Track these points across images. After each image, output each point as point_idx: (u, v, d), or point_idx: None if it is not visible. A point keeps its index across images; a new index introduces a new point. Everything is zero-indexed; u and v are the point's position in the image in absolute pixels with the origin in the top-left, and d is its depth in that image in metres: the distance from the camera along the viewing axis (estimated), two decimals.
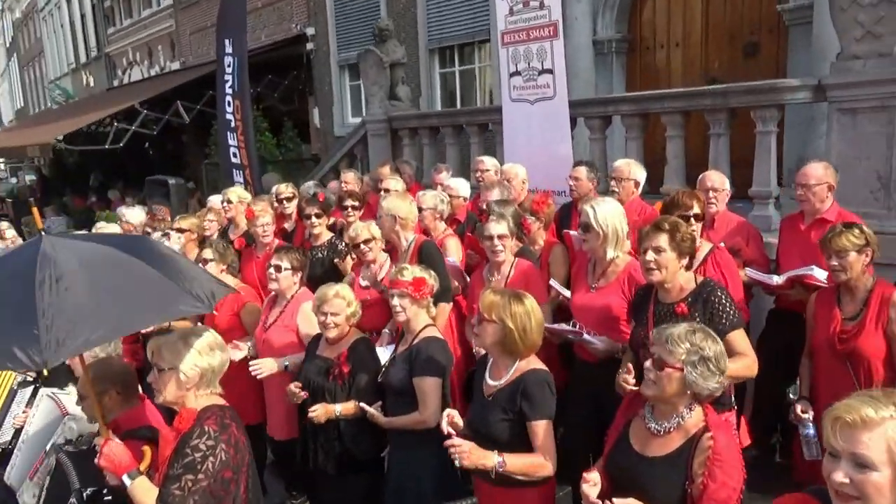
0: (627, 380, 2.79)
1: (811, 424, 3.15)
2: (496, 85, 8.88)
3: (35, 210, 2.55)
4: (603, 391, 3.29)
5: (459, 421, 2.80)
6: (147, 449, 2.57)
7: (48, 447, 3.25)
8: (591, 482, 2.27)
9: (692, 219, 3.60)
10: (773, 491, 3.45)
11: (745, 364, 2.84)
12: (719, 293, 2.86)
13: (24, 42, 35.70)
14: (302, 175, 12.76)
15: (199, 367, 2.43)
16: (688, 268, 2.96)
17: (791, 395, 4.09)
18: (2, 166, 28.70)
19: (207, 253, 4.24)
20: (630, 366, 2.86)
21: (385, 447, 3.38)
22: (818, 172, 3.75)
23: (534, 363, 2.74)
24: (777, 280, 3.68)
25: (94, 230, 6.31)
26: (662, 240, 2.85)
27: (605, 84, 8.43)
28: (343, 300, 3.36)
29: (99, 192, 15.76)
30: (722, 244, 3.84)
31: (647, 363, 2.26)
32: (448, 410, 2.84)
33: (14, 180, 28.05)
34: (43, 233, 2.31)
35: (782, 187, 6.12)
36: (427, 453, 3.06)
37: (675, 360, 2.17)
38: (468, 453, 2.53)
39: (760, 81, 5.07)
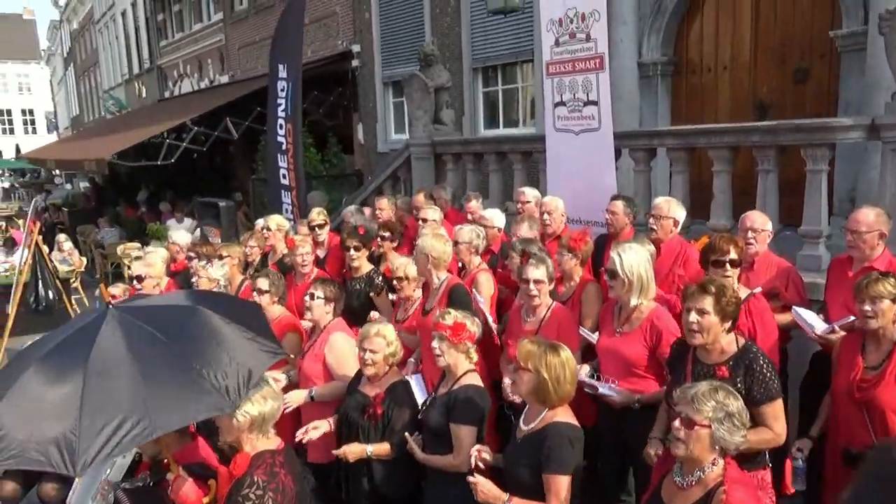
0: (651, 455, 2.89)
1: (802, 462, 3.24)
2: (539, 103, 8.92)
3: (103, 287, 2.72)
4: (626, 431, 3.38)
5: (488, 456, 3.00)
6: (213, 483, 2.72)
7: (101, 480, 3.40)
8: None
9: (727, 264, 3.62)
10: None
11: (768, 438, 2.85)
12: (762, 361, 2.88)
13: (80, 52, 37.04)
14: (345, 190, 12.99)
15: (249, 414, 2.57)
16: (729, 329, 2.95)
17: None
18: (57, 171, 29.74)
19: (263, 283, 4.36)
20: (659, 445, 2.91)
21: (420, 480, 3.45)
22: (869, 219, 3.68)
23: (561, 415, 2.81)
24: (818, 331, 3.61)
25: (143, 252, 6.52)
26: (707, 303, 2.86)
27: (650, 107, 8.38)
28: (383, 339, 3.45)
29: (149, 203, 16.25)
30: (759, 289, 3.82)
31: (676, 422, 2.34)
32: (478, 446, 3.03)
33: (69, 187, 29.17)
34: (110, 307, 2.47)
35: (832, 215, 6.01)
36: (461, 491, 3.12)
37: (702, 418, 2.26)
38: (481, 489, 2.70)
39: (811, 120, 4.98)
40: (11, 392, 2.23)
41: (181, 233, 6.99)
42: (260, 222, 6.67)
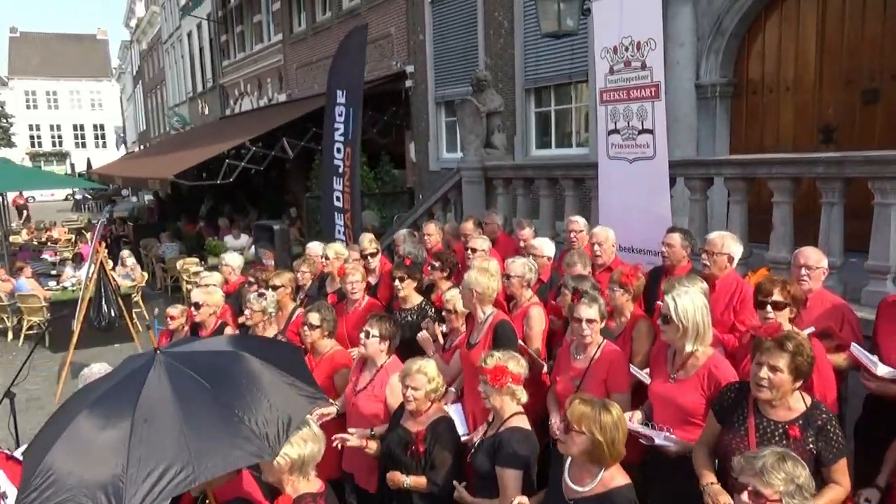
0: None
1: None
2: (593, 124, 8.80)
3: (151, 333, 2.78)
4: (679, 480, 3.21)
5: None
6: None
7: None
8: None
9: (769, 306, 3.52)
10: None
11: (838, 496, 2.77)
12: (834, 422, 2.78)
13: (148, 71, 38.72)
14: (397, 207, 13.13)
15: (289, 456, 2.59)
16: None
17: None
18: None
19: (314, 318, 4.41)
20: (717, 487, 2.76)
21: None
22: None
23: (618, 477, 2.72)
24: (880, 373, 3.42)
25: (200, 277, 6.69)
26: (783, 361, 2.75)
27: (708, 129, 8.15)
28: (425, 376, 3.44)
29: (209, 219, 16.75)
30: (811, 329, 3.64)
31: (744, 496, 2.22)
32: (520, 498, 2.95)
33: (135, 199, 30.39)
34: (157, 352, 2.53)
35: None
36: None
37: (772, 492, 2.16)
38: None
39: (881, 152, 4.74)
40: (64, 436, 2.30)
41: (233, 255, 7.14)
42: (314, 248, 6.77)
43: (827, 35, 7.25)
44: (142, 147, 38.56)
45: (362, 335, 4.07)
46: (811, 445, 2.73)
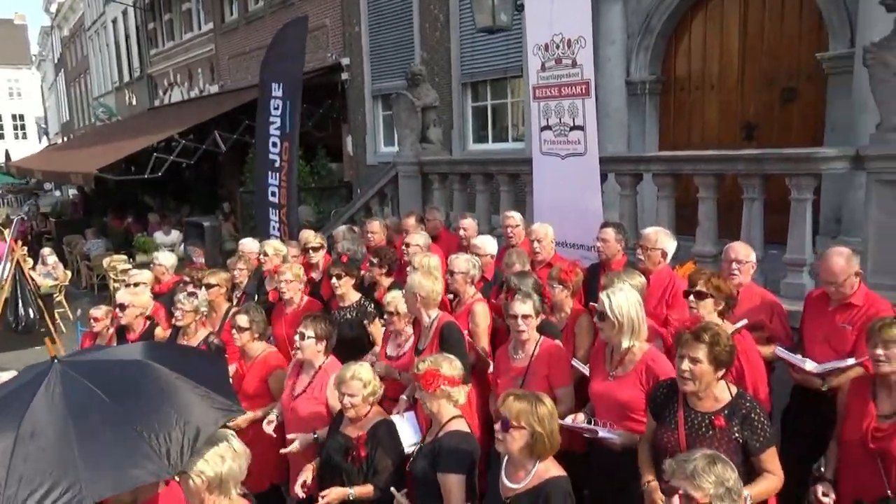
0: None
1: None
2: (528, 119, 8.89)
3: (48, 341, 2.64)
4: (619, 472, 3.29)
5: None
6: None
7: None
8: None
9: (692, 296, 3.62)
10: None
11: (772, 485, 2.82)
12: (758, 410, 2.84)
13: (71, 59, 36.87)
14: (334, 202, 12.95)
15: (205, 475, 2.44)
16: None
17: (822, 471, 4.01)
18: None
19: (242, 321, 4.28)
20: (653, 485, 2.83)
21: None
22: (841, 266, 3.59)
23: (553, 469, 2.73)
24: (811, 367, 3.58)
25: (129, 275, 6.43)
26: (701, 351, 2.81)
27: (638, 125, 8.37)
28: (360, 381, 3.35)
29: (136, 214, 16.13)
30: (744, 322, 3.79)
31: (675, 500, 2.25)
32: None
33: (58, 194, 28.98)
34: (55, 362, 2.39)
35: (818, 234, 5.99)
36: None
37: (703, 496, 2.17)
38: None
39: (797, 150, 4.97)
40: None
41: (167, 254, 6.88)
42: (248, 244, 6.59)
43: (749, 35, 7.54)
44: (65, 139, 36.71)
45: (297, 337, 3.97)
46: (737, 435, 2.79)
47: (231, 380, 3.58)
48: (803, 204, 4.76)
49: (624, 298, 3.33)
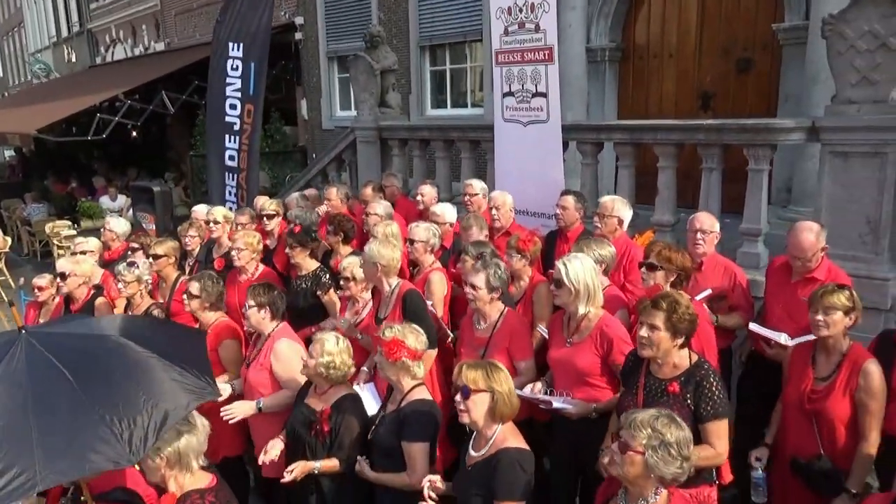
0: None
1: (761, 472, 3.26)
2: (488, 85, 8.78)
3: (14, 311, 2.47)
4: (581, 446, 3.37)
5: (441, 485, 2.90)
6: None
7: None
8: None
9: (645, 268, 3.66)
10: None
11: (712, 456, 2.84)
12: (712, 379, 2.88)
13: (3, 11, 34.74)
14: (289, 167, 12.66)
15: (162, 452, 2.38)
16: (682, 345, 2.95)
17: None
18: None
19: (193, 287, 4.16)
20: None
21: (368, 500, 3.35)
22: (810, 241, 3.69)
23: (511, 439, 2.76)
24: (786, 341, 3.63)
25: (74, 242, 6.17)
26: (659, 318, 2.85)
27: (598, 92, 8.37)
28: (321, 346, 3.29)
29: (80, 178, 15.47)
30: (708, 291, 3.87)
31: (614, 445, 2.33)
32: (430, 476, 2.91)
33: None
34: (22, 333, 2.26)
35: (769, 205, 6.14)
36: None
37: (636, 445, 2.24)
38: None
39: (755, 120, 5.03)
40: None
41: (118, 220, 6.61)
42: (201, 210, 6.38)
43: (707, 4, 7.56)
44: None
45: (244, 309, 3.92)
46: (689, 401, 2.85)
47: None
48: (760, 174, 4.84)
49: (580, 265, 3.37)
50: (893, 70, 4.17)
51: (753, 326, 3.80)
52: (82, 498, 2.47)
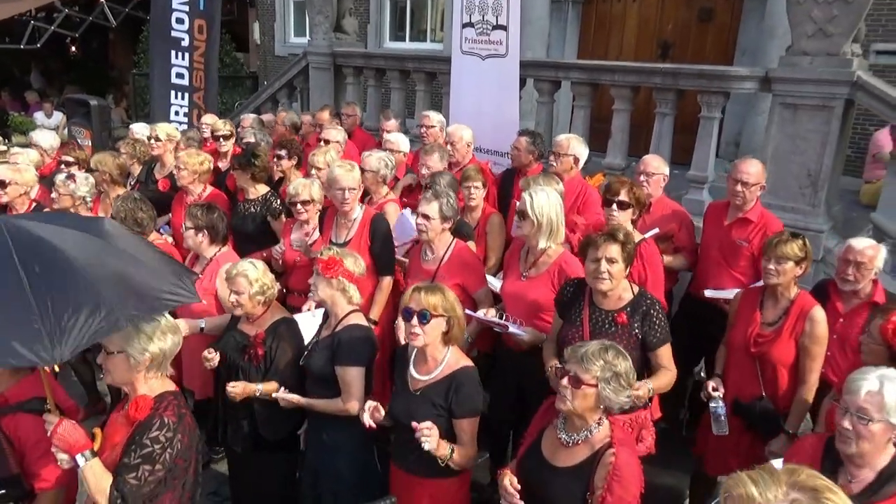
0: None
1: (721, 402, 3.30)
2: (449, 19, 8.55)
3: None
4: (525, 377, 3.41)
5: (381, 412, 2.83)
6: (98, 431, 2.48)
7: None
8: (507, 477, 2.38)
9: (615, 205, 3.59)
10: (675, 462, 3.72)
11: (668, 378, 2.96)
12: (657, 308, 2.94)
13: None
14: (239, 94, 12.19)
15: (149, 351, 2.34)
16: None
17: (702, 375, 4.34)
18: None
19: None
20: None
21: (300, 426, 3.35)
22: (756, 171, 3.78)
23: (462, 360, 2.78)
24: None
25: (9, 152, 5.82)
26: (615, 251, 2.86)
27: (559, 33, 8.27)
28: (245, 279, 3.18)
29: (12, 91, 14.55)
30: (655, 231, 3.92)
31: (564, 381, 2.32)
32: (370, 403, 2.84)
33: None
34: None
35: (717, 157, 6.23)
36: (345, 436, 3.06)
37: (590, 378, 2.26)
38: (435, 439, 2.56)
39: (712, 66, 5.04)
40: None
41: (45, 133, 6.22)
42: (140, 128, 6.07)
43: None
44: None
45: (183, 230, 3.80)
46: (637, 330, 2.91)
47: None
48: (711, 122, 4.89)
49: (545, 199, 3.32)
50: (849, 23, 4.21)
51: (709, 292, 3.85)
52: (47, 406, 2.38)
